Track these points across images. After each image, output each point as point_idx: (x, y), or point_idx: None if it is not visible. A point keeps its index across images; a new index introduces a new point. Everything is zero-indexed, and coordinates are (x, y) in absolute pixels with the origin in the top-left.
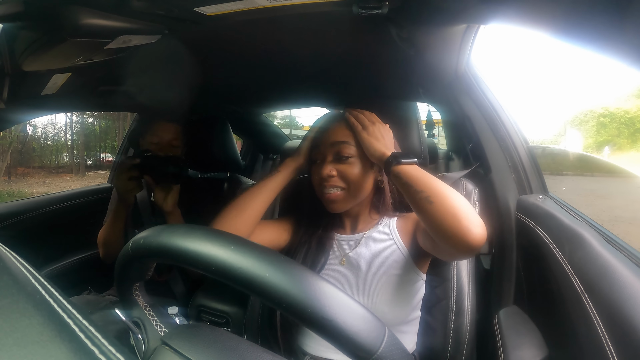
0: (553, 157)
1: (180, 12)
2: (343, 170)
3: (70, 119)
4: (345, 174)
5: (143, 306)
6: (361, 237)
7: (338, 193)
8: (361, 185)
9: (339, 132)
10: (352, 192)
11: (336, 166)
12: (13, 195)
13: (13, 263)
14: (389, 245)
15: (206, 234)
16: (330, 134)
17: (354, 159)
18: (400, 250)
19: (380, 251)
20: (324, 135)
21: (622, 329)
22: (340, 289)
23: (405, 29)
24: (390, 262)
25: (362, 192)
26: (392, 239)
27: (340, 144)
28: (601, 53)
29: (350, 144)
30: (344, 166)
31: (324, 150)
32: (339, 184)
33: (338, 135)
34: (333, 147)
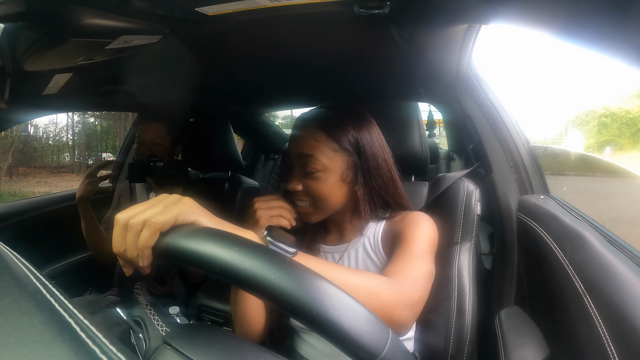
0: (554, 157)
1: (181, 12)
2: (308, 185)
3: (71, 119)
4: (310, 189)
5: (144, 305)
6: (344, 249)
7: (305, 207)
8: (328, 200)
9: (305, 143)
10: (319, 207)
11: (302, 180)
12: (14, 195)
13: (14, 263)
14: (370, 259)
15: (210, 234)
16: (296, 144)
17: (320, 174)
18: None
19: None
20: (292, 144)
21: (623, 329)
22: (344, 291)
23: (407, 29)
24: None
25: (331, 206)
26: (374, 251)
27: (306, 157)
28: (602, 53)
29: (316, 157)
30: (310, 181)
31: (291, 160)
32: (304, 198)
33: (303, 146)
34: (299, 159)
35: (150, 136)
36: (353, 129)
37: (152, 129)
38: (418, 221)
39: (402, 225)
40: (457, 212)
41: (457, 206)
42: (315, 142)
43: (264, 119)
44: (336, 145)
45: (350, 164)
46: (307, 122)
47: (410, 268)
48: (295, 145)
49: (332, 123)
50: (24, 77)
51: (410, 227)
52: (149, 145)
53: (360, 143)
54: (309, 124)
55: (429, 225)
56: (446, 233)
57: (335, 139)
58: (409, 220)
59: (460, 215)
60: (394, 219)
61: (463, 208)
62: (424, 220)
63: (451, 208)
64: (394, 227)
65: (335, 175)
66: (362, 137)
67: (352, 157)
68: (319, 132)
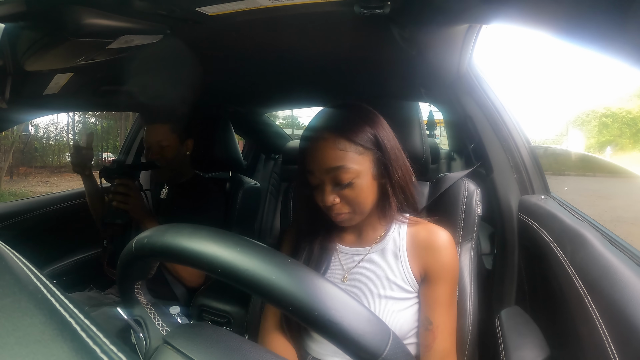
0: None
1: (182, 12)
2: (346, 195)
3: (72, 119)
4: (349, 198)
5: (145, 305)
6: (366, 253)
7: (345, 216)
8: (367, 202)
9: (331, 156)
10: (360, 211)
11: (338, 192)
12: (15, 194)
13: (15, 262)
14: (395, 267)
15: (211, 234)
16: (321, 160)
17: (356, 181)
18: (405, 276)
19: (386, 271)
20: (314, 160)
21: (623, 329)
22: (346, 292)
23: (407, 29)
24: (395, 287)
25: (369, 207)
26: (400, 260)
27: (337, 170)
28: (603, 53)
29: (348, 166)
30: (346, 191)
31: (320, 176)
32: (344, 210)
33: (330, 159)
34: (329, 173)
35: (155, 139)
36: (369, 127)
37: (155, 131)
38: (453, 257)
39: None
40: (458, 212)
41: (457, 206)
42: (341, 152)
43: (264, 119)
44: (361, 148)
45: (375, 161)
46: (323, 133)
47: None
48: (320, 161)
49: (349, 127)
50: (25, 77)
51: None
52: (156, 147)
53: (379, 138)
54: (326, 134)
55: (455, 253)
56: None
57: (358, 142)
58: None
59: (461, 215)
60: (417, 226)
61: (464, 208)
62: (454, 251)
63: (452, 208)
64: (421, 241)
65: (367, 176)
66: (379, 132)
67: (376, 154)
68: (341, 141)
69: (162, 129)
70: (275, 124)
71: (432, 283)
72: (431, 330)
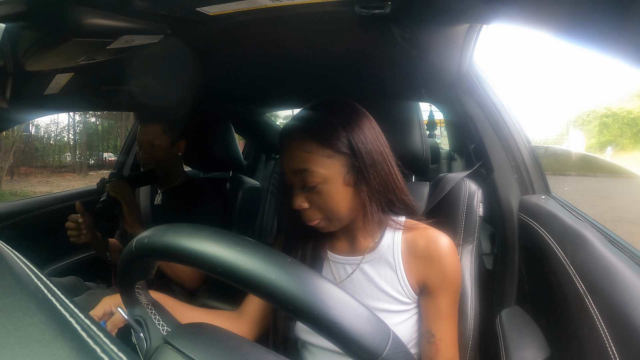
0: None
1: (182, 12)
2: (314, 200)
3: (72, 119)
4: (318, 204)
5: (145, 305)
6: (359, 262)
7: (318, 222)
8: (339, 209)
9: (296, 157)
10: (333, 218)
11: (306, 196)
12: (16, 194)
13: (15, 262)
14: (390, 278)
15: (212, 234)
16: (288, 161)
17: (322, 186)
18: (402, 288)
19: (381, 283)
20: (284, 160)
21: (624, 329)
22: (346, 291)
23: (408, 29)
24: (391, 299)
25: (344, 213)
26: (395, 271)
27: (302, 173)
28: (604, 53)
29: (312, 170)
30: (314, 196)
31: (288, 178)
32: (315, 216)
33: (295, 161)
34: (295, 175)
35: (146, 138)
36: (343, 129)
37: (148, 131)
38: (455, 266)
39: (434, 263)
40: (459, 213)
41: (458, 207)
42: (306, 154)
43: (265, 119)
44: (330, 151)
45: (349, 166)
46: (293, 132)
47: (455, 333)
48: (287, 162)
49: (319, 128)
50: (25, 77)
51: (448, 275)
52: (147, 146)
53: (352, 142)
54: (295, 134)
55: (458, 261)
56: (447, 235)
57: (326, 145)
58: (445, 262)
59: (462, 216)
60: (413, 231)
61: (465, 209)
62: (456, 259)
63: (453, 209)
64: (419, 249)
65: (337, 182)
66: (354, 135)
67: (350, 159)
68: (308, 142)
69: (155, 128)
70: (275, 124)
71: (433, 295)
72: (434, 343)
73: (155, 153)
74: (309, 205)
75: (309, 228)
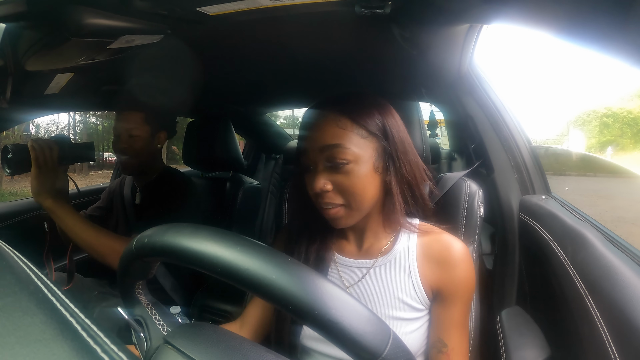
0: (556, 157)
1: (182, 12)
2: (340, 181)
3: (73, 119)
4: (343, 186)
5: (145, 304)
6: (371, 266)
7: (338, 209)
8: (364, 195)
9: (328, 133)
10: (355, 206)
11: (330, 177)
12: (16, 194)
13: (16, 262)
14: (405, 284)
15: (212, 234)
16: (317, 137)
17: (353, 166)
18: (417, 294)
19: (395, 289)
20: (310, 138)
21: (624, 329)
22: (346, 291)
23: (408, 29)
24: (405, 306)
25: (367, 203)
26: (410, 276)
27: (333, 148)
28: (604, 53)
29: (346, 146)
30: (341, 177)
31: (313, 156)
32: (336, 200)
33: (327, 136)
34: (323, 152)
35: (125, 126)
36: (378, 113)
37: (126, 119)
38: (470, 273)
39: (450, 269)
40: (459, 214)
41: (459, 208)
42: (340, 130)
43: (265, 119)
44: (364, 131)
45: (380, 151)
46: (326, 111)
47: (466, 342)
48: (316, 138)
49: (355, 107)
50: (26, 77)
51: (463, 283)
52: (125, 136)
53: (387, 126)
54: (329, 112)
55: (473, 268)
56: None
57: (362, 124)
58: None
59: (463, 217)
60: (428, 236)
61: (465, 210)
62: (471, 267)
63: (453, 210)
64: (434, 254)
65: (367, 165)
66: (388, 120)
67: (382, 143)
68: (343, 119)
69: (134, 117)
70: (276, 124)
71: (446, 302)
72: (446, 353)
73: (134, 144)
74: (332, 187)
75: (315, 225)
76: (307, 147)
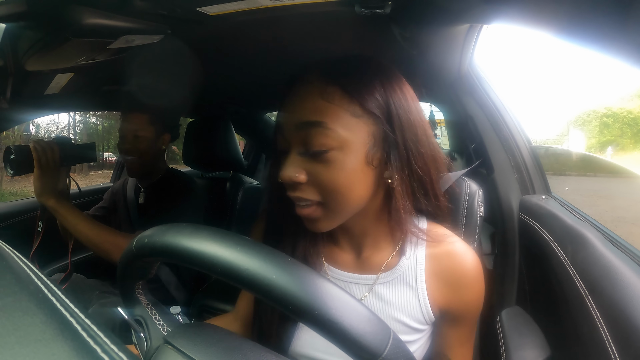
0: (556, 157)
1: (183, 12)
2: (316, 173)
3: (73, 119)
4: (320, 179)
5: (145, 304)
6: (372, 283)
7: (313, 209)
8: (348, 195)
9: (308, 106)
10: (334, 208)
11: (306, 164)
12: (16, 194)
13: (16, 262)
14: (411, 304)
15: (212, 234)
16: (295, 110)
17: (335, 153)
18: (423, 315)
19: (397, 311)
20: (287, 110)
21: (624, 329)
22: (346, 291)
23: (408, 29)
24: (407, 329)
25: (352, 205)
26: (418, 296)
27: (311, 127)
28: (604, 53)
29: (329, 126)
30: (318, 166)
31: (288, 135)
32: (311, 196)
33: (306, 110)
34: (299, 131)
35: (130, 127)
36: (380, 85)
37: (132, 120)
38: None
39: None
40: (459, 214)
41: (459, 208)
42: (325, 103)
43: (265, 119)
44: (358, 108)
45: (378, 137)
46: (310, 74)
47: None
48: (294, 111)
49: (349, 73)
50: (26, 77)
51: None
52: (130, 137)
53: (391, 104)
54: (313, 77)
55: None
56: None
57: (356, 98)
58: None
59: (463, 217)
60: (438, 246)
61: (465, 210)
62: (483, 283)
63: (453, 210)
64: (445, 272)
65: (358, 154)
66: (394, 96)
67: (382, 127)
68: (330, 88)
69: (140, 118)
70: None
71: (455, 322)
72: None
73: (138, 144)
74: (306, 178)
75: (298, 227)
76: (282, 123)
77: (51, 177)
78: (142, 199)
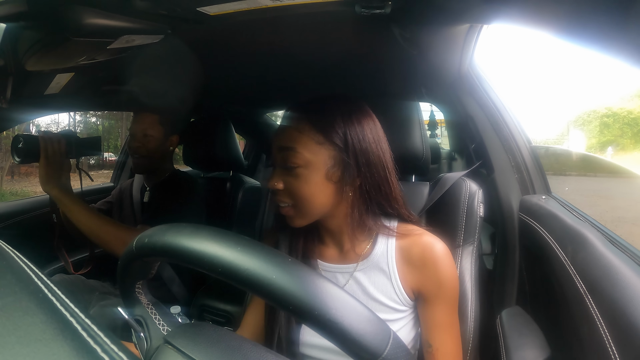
0: (556, 158)
1: (183, 12)
2: (290, 183)
3: (73, 119)
4: (292, 188)
5: (145, 304)
6: (352, 271)
7: (288, 209)
8: (311, 201)
9: (286, 135)
10: (301, 209)
11: (284, 177)
12: (16, 194)
13: (16, 262)
14: (385, 286)
15: (212, 234)
16: (278, 137)
17: (302, 170)
18: (397, 296)
19: (375, 292)
20: (275, 136)
21: (624, 329)
22: (346, 291)
23: (408, 29)
24: (386, 308)
25: (314, 209)
26: (390, 279)
27: (287, 151)
28: (604, 53)
29: (298, 150)
30: (291, 179)
31: (274, 153)
32: (285, 199)
33: (285, 138)
34: (280, 152)
35: (140, 127)
36: (341, 120)
37: (143, 119)
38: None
39: (430, 270)
40: (459, 214)
41: (459, 208)
42: (297, 133)
43: (265, 119)
44: (321, 137)
45: (337, 160)
46: (292, 112)
47: (454, 344)
48: (277, 138)
49: (318, 113)
50: (26, 77)
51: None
52: (140, 136)
53: (348, 136)
54: (293, 114)
55: (454, 268)
56: (447, 236)
57: (320, 130)
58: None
59: (463, 217)
60: (407, 238)
61: (465, 210)
62: (452, 267)
63: (453, 210)
64: (414, 256)
65: (319, 172)
66: (351, 129)
67: (340, 153)
68: (302, 123)
69: (150, 118)
70: (276, 124)
71: (429, 304)
72: (431, 353)
73: (147, 143)
74: (283, 186)
75: (295, 231)
76: (272, 145)
77: (56, 167)
78: (147, 197)
